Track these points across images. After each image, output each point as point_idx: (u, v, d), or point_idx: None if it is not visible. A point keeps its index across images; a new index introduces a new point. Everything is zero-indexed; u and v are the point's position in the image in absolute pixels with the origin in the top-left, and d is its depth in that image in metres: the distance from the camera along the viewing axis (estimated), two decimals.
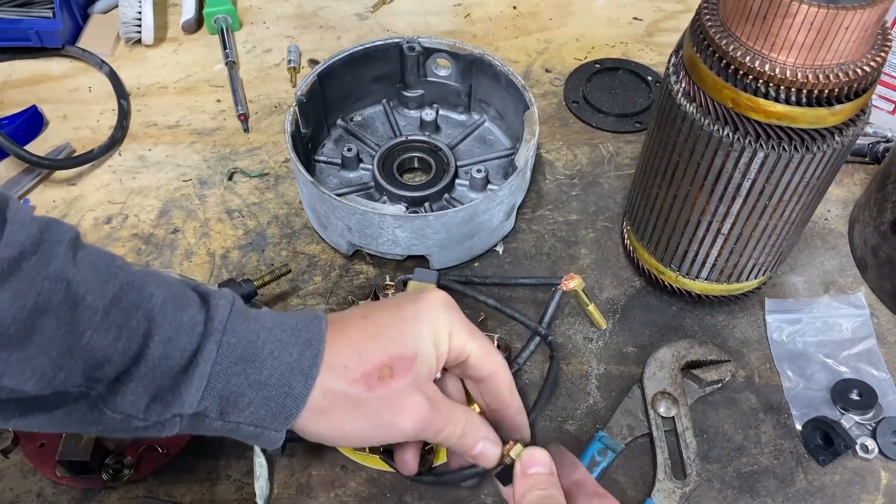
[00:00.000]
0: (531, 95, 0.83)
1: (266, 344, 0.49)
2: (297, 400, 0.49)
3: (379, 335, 0.51)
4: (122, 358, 0.45)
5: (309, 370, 0.49)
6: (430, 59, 0.90)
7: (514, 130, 0.89)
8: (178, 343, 0.46)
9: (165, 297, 0.47)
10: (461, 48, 0.88)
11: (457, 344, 0.53)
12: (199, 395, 0.47)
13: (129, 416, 0.47)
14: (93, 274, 0.45)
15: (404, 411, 0.51)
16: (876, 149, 0.92)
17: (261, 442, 0.51)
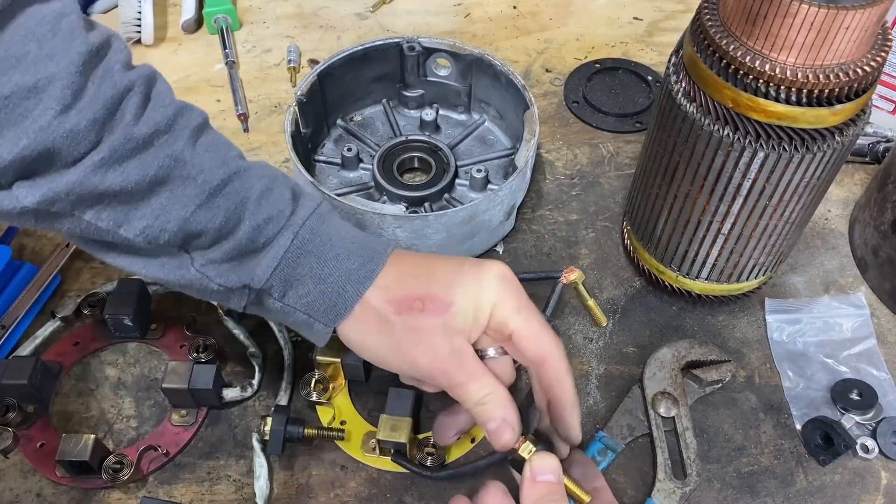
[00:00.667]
0: (531, 95, 0.83)
1: (335, 247, 0.55)
2: (348, 301, 0.55)
3: (427, 274, 0.55)
4: (216, 233, 0.53)
5: (364, 280, 0.55)
6: (430, 58, 0.90)
7: (514, 130, 0.89)
8: (263, 230, 0.54)
9: (262, 191, 0.55)
10: (461, 48, 0.88)
11: (499, 316, 0.54)
12: (268, 274, 0.54)
13: (207, 276, 0.54)
14: (208, 158, 0.53)
15: (423, 346, 0.53)
16: (876, 149, 0.92)
17: (311, 332, 0.57)
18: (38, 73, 0.46)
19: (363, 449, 0.68)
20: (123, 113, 0.50)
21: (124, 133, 0.49)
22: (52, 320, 0.75)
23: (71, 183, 0.48)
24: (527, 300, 0.56)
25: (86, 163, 0.48)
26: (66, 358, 0.74)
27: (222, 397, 0.70)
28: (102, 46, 0.51)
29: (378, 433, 0.65)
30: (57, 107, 0.47)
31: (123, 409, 0.72)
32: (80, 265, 0.81)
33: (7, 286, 0.76)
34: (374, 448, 0.67)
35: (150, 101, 0.52)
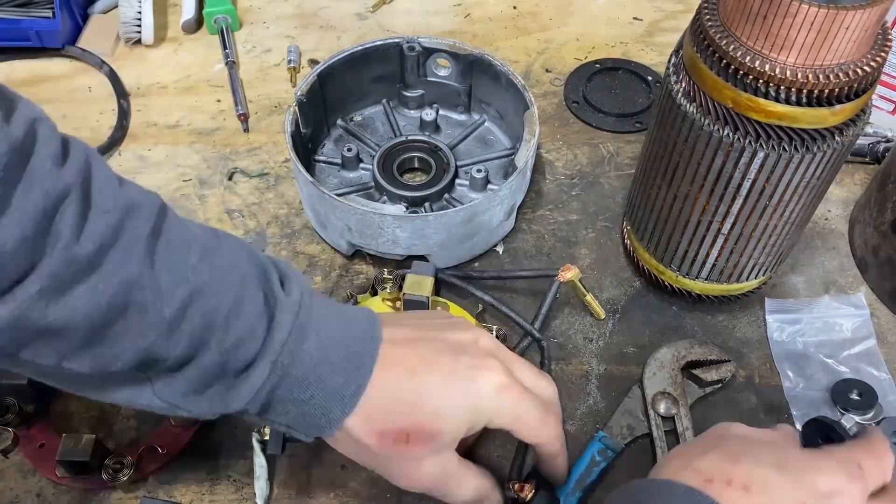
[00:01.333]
0: (531, 95, 0.83)
1: (317, 368, 0.49)
2: (332, 423, 0.51)
3: (415, 401, 0.51)
4: (178, 360, 0.46)
5: (350, 399, 0.50)
6: (430, 59, 0.90)
7: (515, 130, 0.89)
8: (235, 354, 0.47)
9: (230, 308, 0.47)
10: (461, 48, 0.88)
11: (497, 424, 0.53)
12: (244, 403, 0.49)
13: (176, 405, 0.48)
14: (166, 278, 0.44)
15: (407, 474, 0.53)
16: (876, 149, 0.92)
17: (297, 438, 0.53)
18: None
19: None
20: (59, 228, 0.40)
21: (65, 254, 0.40)
22: None
23: (3, 320, 0.39)
24: (526, 402, 0.53)
25: (18, 296, 0.39)
26: None
27: None
28: (27, 136, 0.40)
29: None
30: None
31: (123, 409, 0.71)
32: None
33: None
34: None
35: (91, 206, 0.42)
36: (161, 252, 0.45)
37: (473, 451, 0.69)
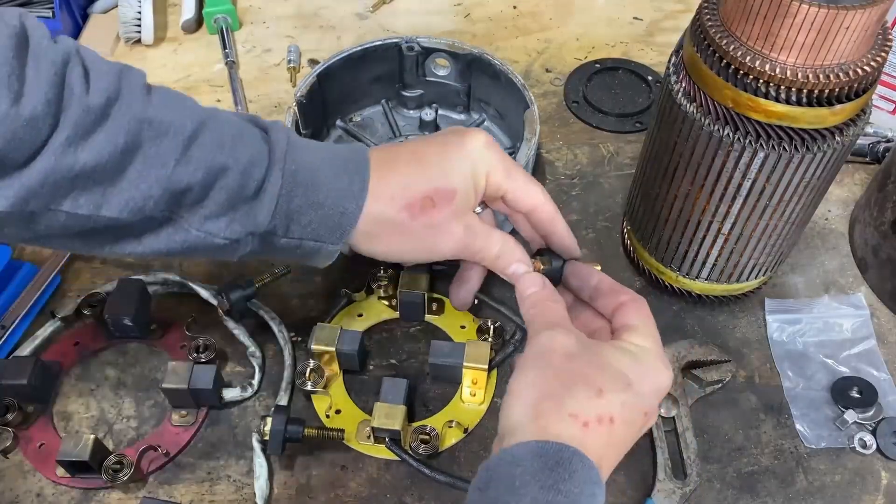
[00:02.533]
0: (531, 94, 0.83)
1: (321, 171, 0.56)
2: (350, 218, 0.56)
3: (423, 170, 0.57)
4: (201, 186, 0.52)
5: (359, 193, 0.56)
6: (429, 58, 0.90)
7: (515, 130, 0.89)
8: (249, 173, 0.53)
9: (234, 134, 0.54)
10: (460, 47, 0.88)
11: (494, 181, 0.59)
12: (270, 216, 0.54)
13: (210, 234, 0.54)
14: (170, 112, 0.51)
15: (444, 237, 0.58)
16: (876, 149, 0.92)
17: (319, 257, 0.59)
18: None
19: (358, 437, 0.69)
20: (71, 87, 0.47)
21: (81, 106, 0.47)
22: (52, 320, 0.75)
23: (43, 172, 0.46)
24: (510, 160, 0.61)
25: (52, 146, 0.46)
26: (66, 358, 0.74)
27: (222, 397, 0.70)
28: (21, 25, 0.48)
29: (373, 420, 0.66)
30: (9, 95, 0.44)
31: (123, 409, 0.72)
32: (80, 265, 0.81)
33: (7, 286, 0.76)
34: (369, 436, 0.68)
35: (90, 70, 0.50)
36: (159, 98, 0.52)
37: None
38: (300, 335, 0.76)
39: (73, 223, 0.50)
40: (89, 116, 0.47)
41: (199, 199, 0.53)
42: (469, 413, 0.71)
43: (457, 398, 0.72)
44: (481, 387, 0.71)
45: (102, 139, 0.48)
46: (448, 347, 0.71)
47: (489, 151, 0.59)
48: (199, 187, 0.52)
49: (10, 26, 0.46)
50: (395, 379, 0.68)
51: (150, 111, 0.50)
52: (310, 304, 0.79)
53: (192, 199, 0.52)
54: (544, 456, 0.46)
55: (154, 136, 0.50)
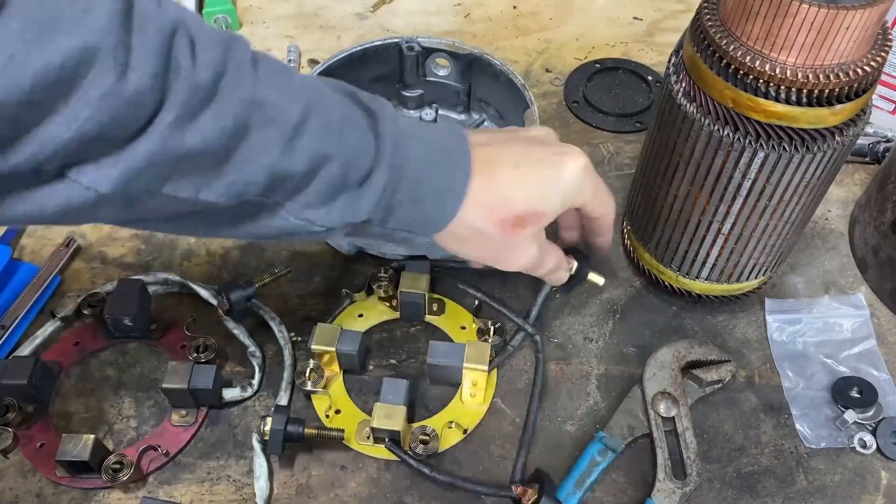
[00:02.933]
0: (531, 94, 0.83)
1: (425, 166, 0.55)
2: (447, 215, 0.56)
3: (525, 189, 0.58)
4: (303, 175, 0.49)
5: (459, 192, 0.56)
6: (430, 58, 0.90)
7: (509, 122, 0.89)
8: (354, 164, 0.51)
9: (342, 120, 0.51)
10: (460, 47, 0.88)
11: (579, 201, 0.61)
12: (371, 209, 0.53)
13: (308, 221, 0.52)
14: (278, 94, 0.48)
15: (520, 255, 0.60)
16: (876, 149, 0.92)
17: (409, 244, 0.58)
18: (84, 32, 0.38)
19: (357, 438, 0.69)
20: (178, 61, 0.43)
21: (189, 83, 0.43)
22: (52, 320, 0.75)
23: (149, 153, 0.42)
24: (599, 180, 0.62)
25: (158, 127, 0.42)
26: (66, 358, 0.74)
27: (222, 397, 0.70)
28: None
29: (372, 421, 0.66)
30: (116, 68, 0.39)
31: (123, 409, 0.72)
32: (80, 265, 0.81)
33: (7, 286, 0.77)
34: (369, 436, 0.68)
35: (196, 41, 0.45)
36: (265, 77, 0.48)
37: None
38: (300, 335, 0.76)
39: (171, 206, 0.47)
40: (197, 94, 0.43)
41: (299, 188, 0.50)
42: (469, 414, 0.71)
43: (457, 398, 0.72)
44: (481, 388, 0.70)
45: (210, 121, 0.44)
46: (446, 348, 0.70)
47: (584, 177, 0.59)
48: (301, 176, 0.49)
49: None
50: (396, 379, 0.68)
51: (259, 91, 0.47)
52: (310, 304, 0.79)
53: (293, 187, 0.50)
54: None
55: (262, 121, 0.47)
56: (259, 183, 0.48)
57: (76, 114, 0.39)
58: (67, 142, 0.39)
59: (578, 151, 0.60)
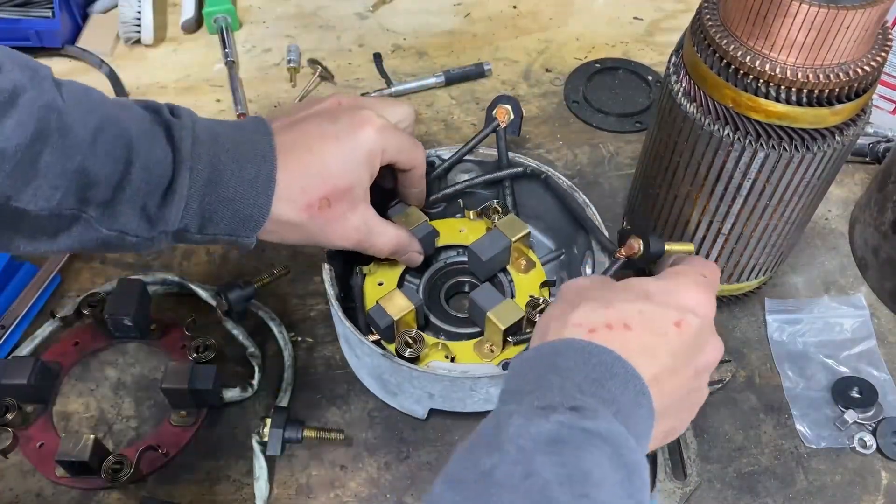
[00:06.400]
0: (584, 197, 0.73)
1: (227, 165, 0.56)
2: (262, 209, 0.58)
3: (321, 171, 0.59)
4: (108, 182, 0.52)
5: (267, 184, 0.57)
6: (453, 169, 0.78)
7: (555, 231, 0.79)
8: (154, 171, 0.54)
9: (139, 131, 0.54)
10: (489, 154, 0.77)
11: (387, 158, 0.63)
12: (180, 215, 0.55)
13: (122, 232, 0.54)
14: (77, 105, 0.51)
15: (337, 233, 0.62)
16: (876, 149, 0.92)
17: (238, 244, 0.60)
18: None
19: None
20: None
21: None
22: (52, 320, 0.75)
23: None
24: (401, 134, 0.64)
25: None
26: (66, 358, 0.74)
27: (222, 397, 0.70)
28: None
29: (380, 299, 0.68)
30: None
31: (123, 409, 0.72)
32: (80, 265, 0.81)
33: (7, 286, 0.76)
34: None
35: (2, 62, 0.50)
36: (67, 92, 0.52)
37: None
38: (300, 335, 0.76)
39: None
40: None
41: (107, 197, 0.53)
42: (472, 358, 0.68)
43: (475, 343, 0.69)
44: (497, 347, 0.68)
45: (11, 126, 0.48)
46: (487, 290, 0.69)
47: (383, 137, 0.62)
48: (106, 183, 0.52)
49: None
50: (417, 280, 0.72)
51: (60, 103, 0.50)
52: (309, 304, 0.79)
53: (101, 197, 0.53)
54: (583, 352, 0.44)
55: (62, 128, 0.50)
56: (65, 189, 0.50)
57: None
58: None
59: (370, 116, 0.62)
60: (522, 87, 1.01)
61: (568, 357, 0.45)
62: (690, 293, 0.49)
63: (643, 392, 0.44)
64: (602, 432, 0.40)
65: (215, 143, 0.57)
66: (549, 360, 0.45)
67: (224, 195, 0.56)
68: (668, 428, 0.50)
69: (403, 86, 1.00)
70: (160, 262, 0.82)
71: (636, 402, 0.44)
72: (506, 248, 0.72)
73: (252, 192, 0.57)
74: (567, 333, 0.46)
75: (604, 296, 0.49)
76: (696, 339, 0.48)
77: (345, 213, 0.61)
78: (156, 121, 0.56)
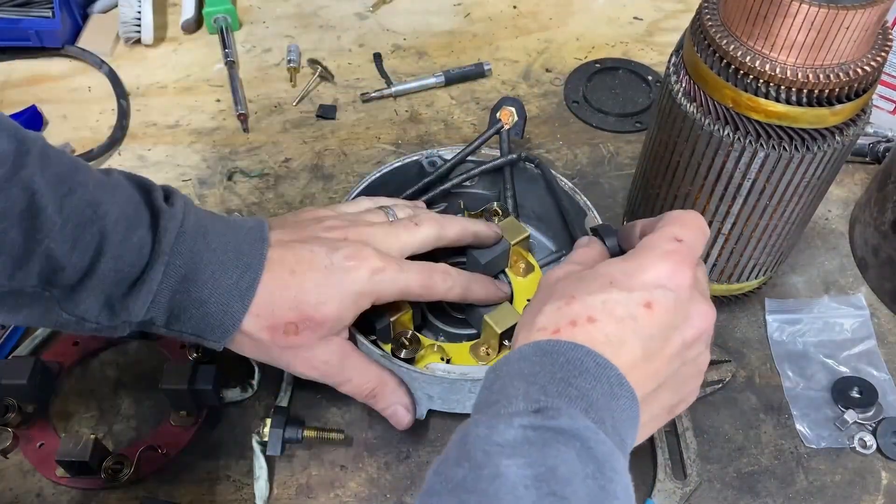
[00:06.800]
0: (584, 199, 0.73)
1: (208, 266, 0.54)
2: (234, 318, 0.55)
3: (297, 296, 0.56)
4: (75, 268, 0.50)
5: (246, 292, 0.55)
6: (455, 170, 0.78)
7: (556, 232, 0.80)
8: (127, 260, 0.51)
9: (118, 217, 0.52)
10: (488, 155, 0.77)
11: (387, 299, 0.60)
12: (146, 308, 0.53)
13: (82, 319, 0.52)
14: (56, 186, 0.49)
15: (303, 362, 0.59)
16: (876, 149, 0.92)
17: (204, 343, 0.57)
18: None
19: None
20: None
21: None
22: None
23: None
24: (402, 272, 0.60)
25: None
26: (66, 358, 0.74)
27: (222, 397, 0.70)
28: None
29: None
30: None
31: (123, 409, 0.72)
32: None
33: None
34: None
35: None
36: (52, 169, 0.49)
37: None
38: None
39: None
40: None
41: (72, 282, 0.51)
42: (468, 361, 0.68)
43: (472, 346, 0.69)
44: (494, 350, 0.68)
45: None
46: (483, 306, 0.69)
47: (378, 280, 0.58)
48: (71, 268, 0.50)
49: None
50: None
51: (38, 181, 0.48)
52: None
53: (66, 281, 0.51)
54: (549, 353, 0.44)
55: (32, 209, 0.48)
56: (29, 269, 0.49)
57: None
58: None
59: (370, 255, 0.58)
60: (522, 87, 1.01)
61: (533, 361, 0.44)
62: (657, 268, 0.47)
63: (620, 382, 0.44)
64: (566, 428, 0.40)
65: (202, 240, 0.54)
66: (515, 368, 0.44)
67: (196, 296, 0.54)
68: (668, 405, 0.49)
69: (403, 86, 1.00)
70: None
71: (611, 393, 0.43)
72: (504, 252, 0.73)
73: (226, 298, 0.54)
74: (533, 338, 0.46)
75: (568, 291, 0.47)
76: (673, 314, 0.46)
77: (312, 343, 0.57)
78: (144, 203, 0.54)
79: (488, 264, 0.72)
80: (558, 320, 0.46)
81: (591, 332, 0.45)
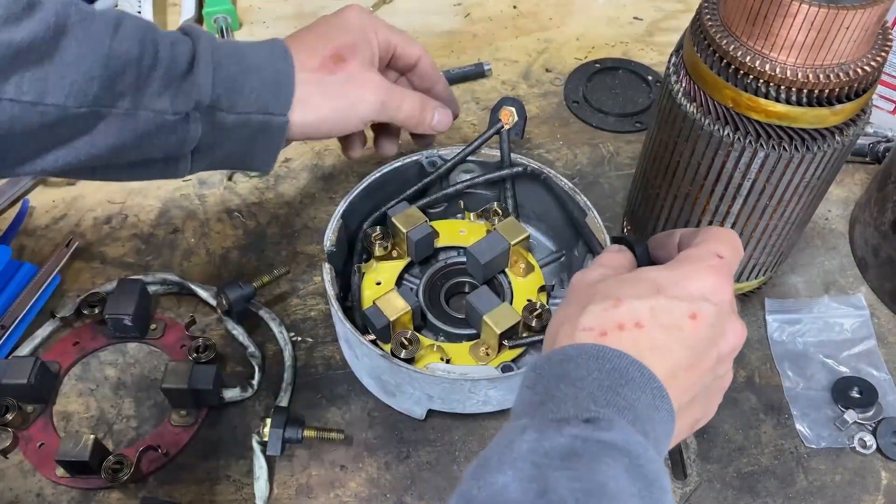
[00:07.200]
0: (584, 199, 0.73)
1: (243, 47, 0.61)
2: (288, 76, 0.60)
3: (320, 35, 0.64)
4: (137, 64, 0.55)
5: (284, 53, 0.61)
6: (455, 170, 0.78)
7: (556, 232, 0.80)
8: (179, 48, 0.57)
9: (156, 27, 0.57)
10: (488, 155, 0.77)
11: (383, 35, 0.67)
12: (211, 78, 0.57)
13: (159, 111, 0.56)
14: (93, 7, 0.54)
15: (366, 86, 0.64)
16: (876, 149, 0.92)
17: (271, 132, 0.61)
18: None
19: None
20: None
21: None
22: (52, 320, 0.75)
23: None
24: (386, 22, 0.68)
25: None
26: (66, 358, 0.74)
27: (222, 397, 0.70)
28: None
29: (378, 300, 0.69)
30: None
31: (123, 409, 0.72)
32: (80, 265, 0.81)
33: (7, 286, 0.76)
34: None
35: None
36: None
37: None
38: (300, 335, 0.76)
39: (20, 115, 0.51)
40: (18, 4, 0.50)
41: (138, 80, 0.55)
42: (468, 361, 0.68)
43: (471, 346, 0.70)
44: (493, 350, 0.68)
45: (35, 20, 0.50)
46: (484, 293, 0.69)
47: (369, 15, 0.67)
48: (135, 65, 0.54)
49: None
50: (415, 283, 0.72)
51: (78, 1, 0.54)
52: (309, 304, 0.79)
53: (132, 81, 0.55)
54: (596, 358, 0.43)
55: (82, 19, 0.53)
56: (99, 77, 0.53)
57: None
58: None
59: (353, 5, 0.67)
60: (522, 87, 1.01)
61: (580, 364, 0.43)
62: (704, 280, 0.47)
63: (660, 394, 0.43)
64: (618, 443, 0.39)
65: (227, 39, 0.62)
66: (561, 369, 0.44)
67: (247, 63, 0.59)
68: (693, 419, 0.48)
69: None
70: (160, 263, 0.82)
71: (653, 405, 0.43)
72: (504, 252, 0.73)
73: (272, 60, 0.60)
74: (578, 339, 0.45)
75: (613, 292, 0.47)
76: (713, 328, 0.46)
77: (362, 67, 0.64)
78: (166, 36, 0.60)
79: (488, 264, 0.72)
80: (605, 322, 0.45)
81: (638, 339, 0.44)
